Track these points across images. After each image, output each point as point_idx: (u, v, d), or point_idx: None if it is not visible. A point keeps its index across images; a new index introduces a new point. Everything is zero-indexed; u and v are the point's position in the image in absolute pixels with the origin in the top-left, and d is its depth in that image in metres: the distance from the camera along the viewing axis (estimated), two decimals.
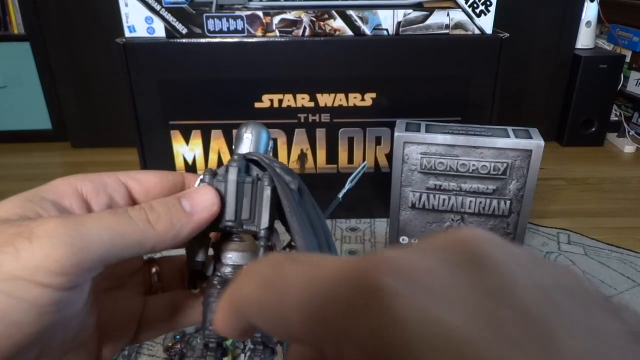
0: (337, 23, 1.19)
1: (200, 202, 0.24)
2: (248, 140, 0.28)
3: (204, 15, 1.16)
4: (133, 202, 0.25)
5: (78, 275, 0.19)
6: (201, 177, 0.26)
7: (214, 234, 0.28)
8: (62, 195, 0.22)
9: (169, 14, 1.16)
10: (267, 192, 0.25)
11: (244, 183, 0.25)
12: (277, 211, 0.26)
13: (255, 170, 0.27)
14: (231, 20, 1.17)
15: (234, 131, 1.27)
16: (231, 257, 0.27)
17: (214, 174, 0.26)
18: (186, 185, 0.28)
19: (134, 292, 0.28)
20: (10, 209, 0.20)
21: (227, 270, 0.27)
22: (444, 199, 1.16)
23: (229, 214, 0.25)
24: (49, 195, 0.22)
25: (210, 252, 0.28)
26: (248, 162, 0.27)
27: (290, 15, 1.18)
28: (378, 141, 1.30)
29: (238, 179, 0.25)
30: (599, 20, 1.82)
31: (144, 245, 0.21)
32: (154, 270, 0.29)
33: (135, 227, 0.21)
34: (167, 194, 0.26)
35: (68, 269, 0.18)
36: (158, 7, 1.15)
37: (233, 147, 0.29)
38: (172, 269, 0.30)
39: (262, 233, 0.25)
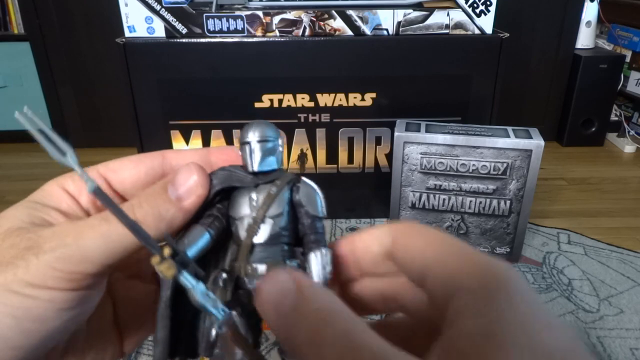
0: (337, 23, 1.19)
1: (185, 186, 0.23)
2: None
3: (204, 15, 1.16)
4: (114, 192, 0.26)
5: (85, 280, 0.21)
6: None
7: None
8: (60, 200, 0.24)
9: (169, 14, 1.16)
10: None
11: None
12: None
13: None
14: (231, 20, 1.17)
15: (234, 131, 1.27)
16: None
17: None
18: (169, 165, 0.27)
19: (147, 281, 0.28)
20: (18, 217, 0.22)
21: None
22: (444, 199, 1.16)
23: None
24: (49, 202, 0.24)
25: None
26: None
27: (290, 15, 1.18)
28: (378, 141, 1.30)
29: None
30: (599, 20, 1.82)
31: (138, 242, 0.21)
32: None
33: (125, 229, 0.21)
34: (145, 179, 0.26)
35: (73, 276, 0.21)
36: (158, 7, 1.15)
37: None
38: None
39: None
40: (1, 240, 0.21)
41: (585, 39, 1.81)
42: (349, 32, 1.19)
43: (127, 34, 1.17)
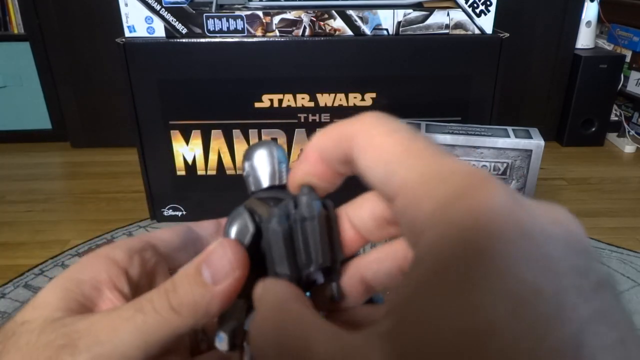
0: (337, 23, 1.19)
1: (220, 268, 0.20)
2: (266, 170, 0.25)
3: (204, 15, 1.16)
4: (162, 257, 0.25)
5: None
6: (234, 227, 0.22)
7: None
8: (99, 271, 0.23)
9: (169, 14, 1.16)
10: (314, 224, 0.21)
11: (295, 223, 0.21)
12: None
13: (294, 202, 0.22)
14: (231, 20, 1.17)
15: (234, 131, 1.27)
16: None
17: (252, 215, 0.21)
18: (201, 234, 0.27)
19: (181, 356, 0.27)
20: (54, 303, 0.21)
21: None
22: None
23: (282, 267, 0.20)
24: (85, 275, 0.23)
25: None
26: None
27: (290, 15, 1.18)
28: None
29: (282, 226, 0.20)
30: (599, 20, 1.82)
31: (177, 331, 0.21)
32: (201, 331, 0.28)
33: (161, 320, 0.20)
34: (187, 245, 0.26)
35: None
36: (158, 7, 1.15)
37: (252, 184, 0.24)
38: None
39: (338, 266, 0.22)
40: (37, 336, 0.20)
41: (585, 39, 1.81)
42: (349, 32, 1.19)
43: (127, 34, 1.17)
